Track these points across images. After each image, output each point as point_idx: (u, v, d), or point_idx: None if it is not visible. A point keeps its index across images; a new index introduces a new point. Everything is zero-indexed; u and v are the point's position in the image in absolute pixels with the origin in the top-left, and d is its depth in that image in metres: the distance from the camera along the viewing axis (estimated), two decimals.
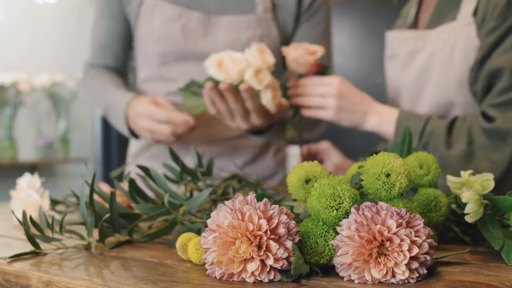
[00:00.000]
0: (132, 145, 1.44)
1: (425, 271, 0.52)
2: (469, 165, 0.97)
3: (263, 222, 0.52)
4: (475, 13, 1.02)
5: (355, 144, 2.94)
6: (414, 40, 1.11)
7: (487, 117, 0.98)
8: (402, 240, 0.51)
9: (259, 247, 0.52)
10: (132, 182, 0.77)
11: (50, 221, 0.71)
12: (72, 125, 3.86)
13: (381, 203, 0.53)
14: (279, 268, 0.53)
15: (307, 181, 0.61)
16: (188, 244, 0.63)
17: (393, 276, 0.51)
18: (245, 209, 0.53)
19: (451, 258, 0.62)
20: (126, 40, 1.36)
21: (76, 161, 3.75)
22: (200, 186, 0.88)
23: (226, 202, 0.55)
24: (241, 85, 1.02)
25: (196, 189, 0.87)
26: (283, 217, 0.53)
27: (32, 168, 3.60)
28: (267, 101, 1.05)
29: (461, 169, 0.93)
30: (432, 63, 1.07)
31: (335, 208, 0.55)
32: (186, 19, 1.24)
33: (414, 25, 1.19)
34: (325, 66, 1.14)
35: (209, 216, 0.56)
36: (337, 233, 0.54)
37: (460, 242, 0.73)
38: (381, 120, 1.05)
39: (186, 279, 0.55)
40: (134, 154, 1.34)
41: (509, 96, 0.96)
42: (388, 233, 0.51)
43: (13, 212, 0.79)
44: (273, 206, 0.54)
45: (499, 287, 0.49)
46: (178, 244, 0.64)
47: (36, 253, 0.69)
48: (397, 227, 0.51)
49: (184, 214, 0.75)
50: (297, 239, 0.54)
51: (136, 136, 1.26)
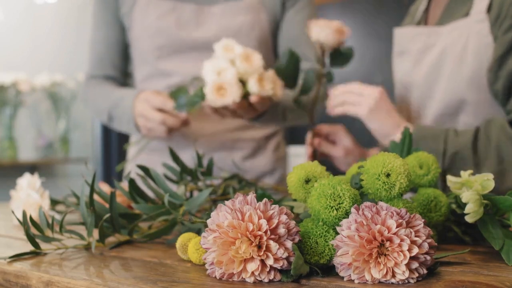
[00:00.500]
0: (131, 149, 1.45)
1: (425, 271, 0.52)
2: (503, 184, 0.92)
3: (263, 222, 0.52)
4: (488, 9, 1.00)
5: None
6: (426, 36, 1.10)
7: None
8: (402, 240, 0.51)
9: (259, 247, 0.52)
10: (132, 182, 0.77)
11: (50, 221, 0.71)
12: (72, 125, 3.85)
13: (381, 203, 0.53)
14: (279, 268, 0.53)
15: (307, 181, 0.61)
16: (188, 244, 0.63)
17: (393, 276, 0.51)
18: (245, 209, 0.53)
19: (451, 258, 0.62)
20: (124, 48, 1.40)
21: (76, 161, 3.75)
22: (200, 186, 0.88)
23: (226, 202, 0.55)
24: (251, 98, 1.07)
25: (196, 189, 0.87)
26: (283, 217, 0.53)
27: (32, 168, 3.60)
28: (272, 91, 1.09)
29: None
30: (444, 60, 1.05)
31: (335, 208, 0.55)
32: (179, 12, 1.29)
33: (424, 22, 1.17)
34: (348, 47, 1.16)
35: (209, 216, 0.56)
36: (337, 233, 0.54)
37: (460, 242, 0.73)
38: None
39: (186, 279, 0.55)
40: (135, 153, 1.35)
41: None
42: (388, 233, 0.51)
43: (13, 212, 0.79)
44: (273, 206, 0.54)
45: (499, 287, 0.49)
46: (178, 244, 0.64)
47: (36, 253, 0.69)
48: (397, 227, 0.51)
49: (184, 214, 0.75)
50: (297, 239, 0.54)
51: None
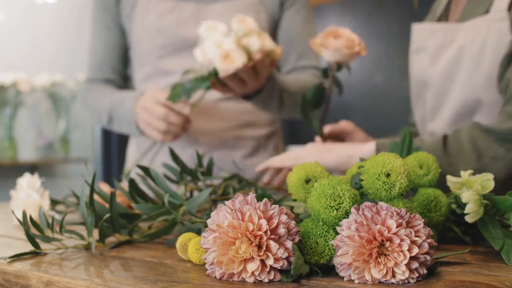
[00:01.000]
0: (131, 146, 1.45)
1: (425, 271, 0.52)
2: None
3: (263, 222, 0.52)
4: (509, 7, 0.97)
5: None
6: (443, 33, 1.07)
7: (507, 114, 0.91)
8: (402, 240, 0.51)
9: (259, 247, 0.52)
10: (132, 182, 0.77)
11: (50, 221, 0.71)
12: (72, 125, 3.85)
13: (381, 203, 0.53)
14: (279, 268, 0.53)
15: (307, 181, 0.61)
16: (188, 244, 0.63)
17: (393, 276, 0.51)
18: (245, 209, 0.53)
19: (451, 258, 0.62)
20: (123, 52, 1.41)
21: (76, 161, 3.75)
22: (200, 186, 0.88)
23: (226, 202, 0.55)
24: (256, 56, 1.07)
25: (196, 189, 0.87)
26: (283, 217, 0.54)
27: (32, 168, 3.60)
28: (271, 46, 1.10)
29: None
30: (461, 58, 1.02)
31: (335, 208, 0.55)
32: (180, 11, 1.31)
33: (445, 19, 1.15)
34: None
35: (209, 216, 0.56)
36: (337, 233, 0.54)
37: (460, 242, 0.73)
38: (372, 150, 0.96)
39: (186, 279, 0.55)
40: (140, 155, 1.35)
41: None
42: (388, 233, 0.51)
43: (13, 212, 0.79)
44: (273, 206, 0.54)
45: (499, 287, 0.49)
46: (178, 244, 0.64)
47: (36, 253, 0.69)
48: (397, 227, 0.51)
49: (184, 214, 0.75)
50: (297, 239, 0.54)
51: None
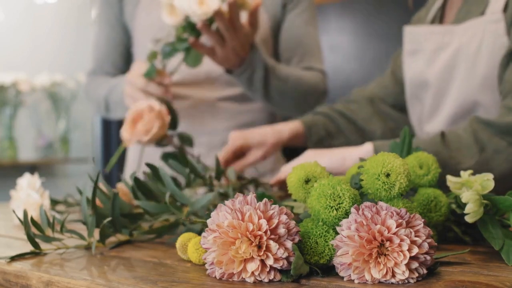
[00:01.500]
0: (131, 147, 1.45)
1: (425, 271, 0.52)
2: (491, 172, 0.83)
3: (263, 222, 0.52)
4: (505, 9, 0.97)
5: None
6: (440, 35, 1.07)
7: (507, 108, 0.90)
8: (402, 240, 0.51)
9: (259, 247, 0.52)
10: (136, 180, 0.77)
11: (51, 220, 0.71)
12: (72, 125, 3.85)
13: (381, 203, 0.53)
14: (279, 268, 0.53)
15: (307, 181, 0.61)
16: (188, 244, 0.63)
17: (393, 276, 0.51)
18: (245, 209, 0.53)
19: (451, 258, 0.62)
20: (125, 50, 1.43)
21: (76, 161, 3.75)
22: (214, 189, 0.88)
23: (226, 202, 0.55)
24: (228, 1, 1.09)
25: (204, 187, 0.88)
26: (283, 217, 0.54)
27: (32, 168, 3.60)
28: None
29: None
30: (458, 60, 1.02)
31: (335, 208, 0.55)
32: None
33: (439, 20, 1.15)
34: None
35: (209, 216, 0.56)
36: (337, 233, 0.54)
37: (460, 242, 0.73)
38: (370, 151, 0.95)
39: (186, 279, 0.55)
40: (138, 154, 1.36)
41: None
42: (388, 233, 0.51)
43: (14, 211, 0.79)
44: (273, 206, 0.54)
45: (499, 287, 0.49)
46: (178, 244, 0.64)
47: (36, 253, 0.69)
48: (397, 227, 0.51)
49: (188, 216, 0.75)
50: (297, 239, 0.54)
51: None
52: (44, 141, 3.69)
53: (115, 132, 3.75)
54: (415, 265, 0.51)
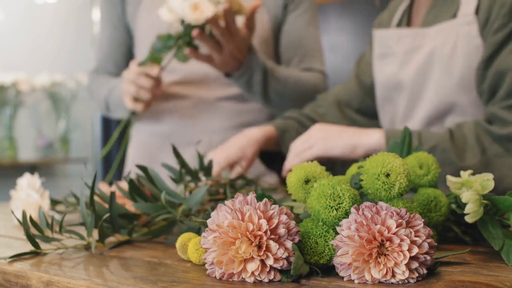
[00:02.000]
0: (132, 146, 1.46)
1: (425, 271, 0.52)
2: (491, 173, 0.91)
3: (263, 222, 0.52)
4: (477, 11, 1.00)
5: None
6: (411, 38, 1.09)
7: (500, 121, 0.94)
8: (402, 240, 0.51)
9: (259, 247, 0.52)
10: (132, 182, 0.77)
11: (49, 221, 0.71)
12: (72, 125, 3.85)
13: (381, 203, 0.53)
14: (279, 268, 0.53)
15: (307, 182, 0.61)
16: (188, 244, 0.63)
17: (393, 276, 0.51)
18: (245, 209, 0.53)
19: (451, 258, 0.62)
20: (127, 50, 1.45)
21: (76, 161, 3.75)
22: (200, 186, 0.88)
23: (226, 202, 0.55)
24: (224, 5, 1.10)
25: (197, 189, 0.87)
26: (283, 217, 0.54)
27: (32, 168, 3.60)
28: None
29: None
30: (432, 62, 1.05)
31: (335, 208, 0.55)
32: None
33: (406, 22, 1.16)
34: None
35: (209, 216, 0.56)
36: (337, 233, 0.54)
37: (460, 242, 0.73)
38: (380, 138, 0.98)
39: (186, 279, 0.55)
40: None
41: None
42: (388, 233, 0.51)
43: (13, 212, 0.79)
44: (273, 206, 0.54)
45: (499, 287, 0.49)
46: (178, 244, 0.64)
47: (36, 253, 0.69)
48: (397, 227, 0.51)
49: (183, 213, 0.75)
50: (297, 239, 0.54)
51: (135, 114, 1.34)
52: (44, 141, 3.69)
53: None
54: (415, 265, 0.51)
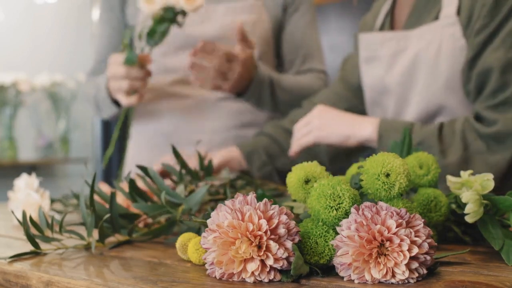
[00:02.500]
0: (131, 145, 1.46)
1: (425, 271, 0.52)
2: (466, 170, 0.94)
3: (263, 222, 0.52)
4: (458, 12, 1.00)
5: None
6: (395, 41, 1.09)
7: (484, 120, 0.96)
8: (402, 240, 0.51)
9: (259, 247, 0.52)
10: (132, 182, 0.77)
11: (50, 221, 0.71)
12: (72, 125, 3.85)
13: (381, 203, 0.53)
14: (279, 268, 0.53)
15: (307, 182, 0.61)
16: (188, 244, 0.63)
17: (393, 276, 0.51)
18: (245, 209, 0.53)
19: (451, 258, 0.62)
20: None
21: (76, 161, 3.75)
22: (201, 186, 0.88)
23: (226, 202, 0.55)
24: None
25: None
26: (283, 217, 0.53)
27: (32, 168, 3.60)
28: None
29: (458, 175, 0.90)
30: (417, 65, 1.04)
31: (335, 208, 0.55)
32: None
33: (389, 25, 1.16)
34: None
35: (209, 216, 0.56)
36: (337, 233, 0.54)
37: (460, 242, 0.73)
38: (373, 133, 1.01)
39: (186, 279, 0.55)
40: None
41: (504, 95, 0.94)
42: (388, 233, 0.51)
43: (13, 212, 0.79)
44: (273, 206, 0.54)
45: (499, 287, 0.49)
46: (178, 244, 0.64)
47: (36, 253, 0.69)
48: (397, 227, 0.51)
49: (183, 213, 0.75)
50: (297, 239, 0.54)
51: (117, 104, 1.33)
52: (44, 141, 3.69)
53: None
54: (415, 265, 0.51)
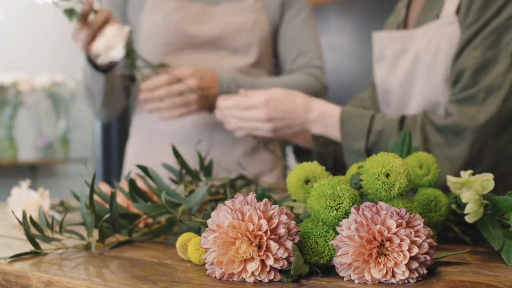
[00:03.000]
0: (131, 144, 1.46)
1: (425, 271, 0.52)
2: None
3: (263, 222, 0.52)
4: (457, 11, 0.98)
5: None
6: (401, 40, 1.09)
7: (446, 113, 0.96)
8: (402, 240, 0.51)
9: (259, 247, 0.52)
10: (132, 182, 0.77)
11: (50, 221, 0.71)
12: (72, 125, 3.85)
13: (381, 203, 0.53)
14: (279, 268, 0.53)
15: (307, 182, 0.61)
16: (188, 244, 0.63)
17: (393, 276, 0.51)
18: (245, 209, 0.53)
19: (451, 258, 0.62)
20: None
21: (76, 161, 3.74)
22: (201, 186, 0.88)
23: (226, 202, 0.55)
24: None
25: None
26: (283, 217, 0.54)
27: (32, 168, 3.60)
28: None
29: None
30: (418, 64, 1.04)
31: (335, 208, 0.55)
32: (186, 10, 1.35)
33: (404, 25, 1.16)
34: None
35: (209, 216, 0.56)
36: (337, 233, 0.54)
37: (460, 242, 0.73)
38: (325, 125, 1.03)
39: (186, 279, 0.55)
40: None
41: (470, 92, 0.93)
42: (388, 233, 0.51)
43: (13, 212, 0.79)
44: (273, 206, 0.54)
45: (499, 287, 0.49)
46: (178, 244, 0.64)
47: (36, 253, 0.69)
48: (397, 227, 0.51)
49: (183, 213, 0.75)
50: (297, 239, 0.54)
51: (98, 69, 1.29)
52: (44, 141, 3.69)
53: (115, 132, 3.75)
54: (415, 265, 0.51)
